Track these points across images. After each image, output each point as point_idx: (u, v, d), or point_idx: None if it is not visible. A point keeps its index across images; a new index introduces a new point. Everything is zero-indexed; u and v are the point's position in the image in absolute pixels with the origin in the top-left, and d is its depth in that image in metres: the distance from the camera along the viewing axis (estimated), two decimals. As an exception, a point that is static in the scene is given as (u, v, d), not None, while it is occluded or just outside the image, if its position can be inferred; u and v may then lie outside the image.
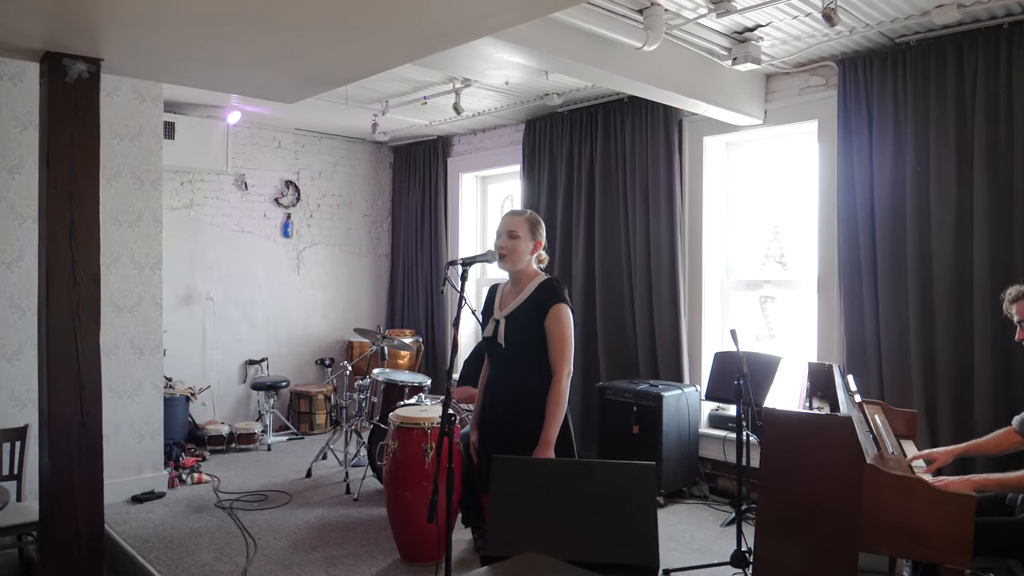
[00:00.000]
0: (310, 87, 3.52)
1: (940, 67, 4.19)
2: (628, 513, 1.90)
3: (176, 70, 3.14)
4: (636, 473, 2.01)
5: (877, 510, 2.47)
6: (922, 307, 4.23)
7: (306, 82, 3.38)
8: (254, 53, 2.79)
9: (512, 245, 2.92)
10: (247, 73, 3.18)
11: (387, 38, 2.71)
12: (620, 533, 1.86)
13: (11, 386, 4.45)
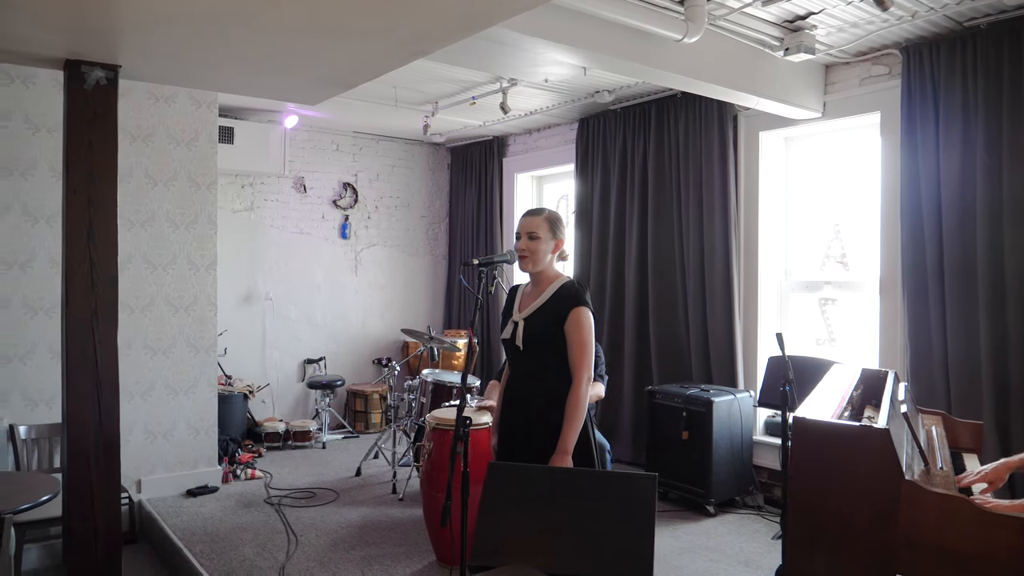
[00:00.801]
0: (327, 88, 3.52)
1: (1014, 51, 3.88)
2: (624, 526, 1.79)
3: (192, 75, 3.18)
4: (637, 485, 1.90)
5: (916, 531, 2.27)
6: (992, 309, 3.93)
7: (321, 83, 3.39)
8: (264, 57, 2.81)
9: (533, 246, 2.84)
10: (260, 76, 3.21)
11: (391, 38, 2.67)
12: (612, 547, 1.76)
13: (23, 384, 4.48)
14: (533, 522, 1.86)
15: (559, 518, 1.85)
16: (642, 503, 1.83)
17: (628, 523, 1.80)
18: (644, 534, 1.77)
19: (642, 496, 1.85)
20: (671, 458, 4.85)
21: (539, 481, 1.98)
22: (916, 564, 2.29)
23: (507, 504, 1.92)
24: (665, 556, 4.12)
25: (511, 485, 1.97)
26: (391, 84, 5.49)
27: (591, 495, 1.88)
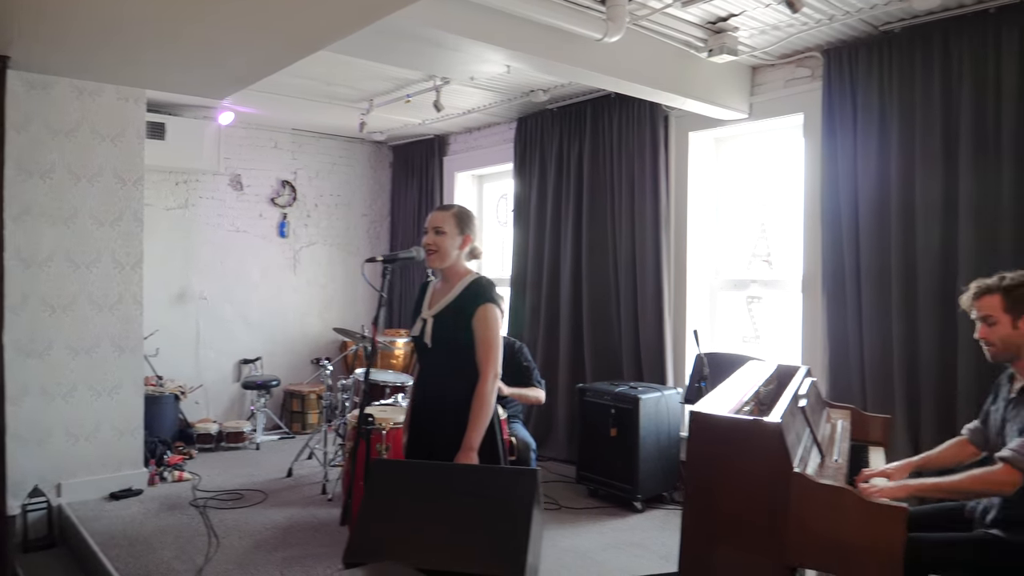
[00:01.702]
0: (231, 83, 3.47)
1: (926, 55, 3.99)
2: (501, 521, 1.79)
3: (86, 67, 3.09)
4: (517, 479, 1.90)
5: (806, 522, 2.31)
6: (905, 309, 4.03)
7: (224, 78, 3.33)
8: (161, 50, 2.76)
9: (439, 241, 2.83)
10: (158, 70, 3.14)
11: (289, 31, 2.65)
12: (487, 542, 1.75)
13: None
14: (414, 518, 1.85)
15: (440, 514, 1.85)
16: (521, 498, 1.83)
17: (507, 518, 1.80)
18: (520, 528, 1.77)
19: (522, 491, 1.85)
20: (600, 455, 4.88)
21: (422, 477, 1.98)
22: (806, 555, 2.34)
23: (390, 501, 1.90)
24: (589, 552, 4.14)
25: (395, 482, 1.96)
26: (325, 81, 5.44)
27: (473, 491, 1.88)
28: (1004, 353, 2.67)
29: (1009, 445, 2.54)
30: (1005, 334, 2.64)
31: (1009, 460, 2.47)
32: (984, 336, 2.69)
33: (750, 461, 2.39)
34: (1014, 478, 2.46)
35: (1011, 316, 2.63)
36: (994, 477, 2.49)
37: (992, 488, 2.50)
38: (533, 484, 1.87)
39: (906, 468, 2.90)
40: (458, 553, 1.76)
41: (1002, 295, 2.65)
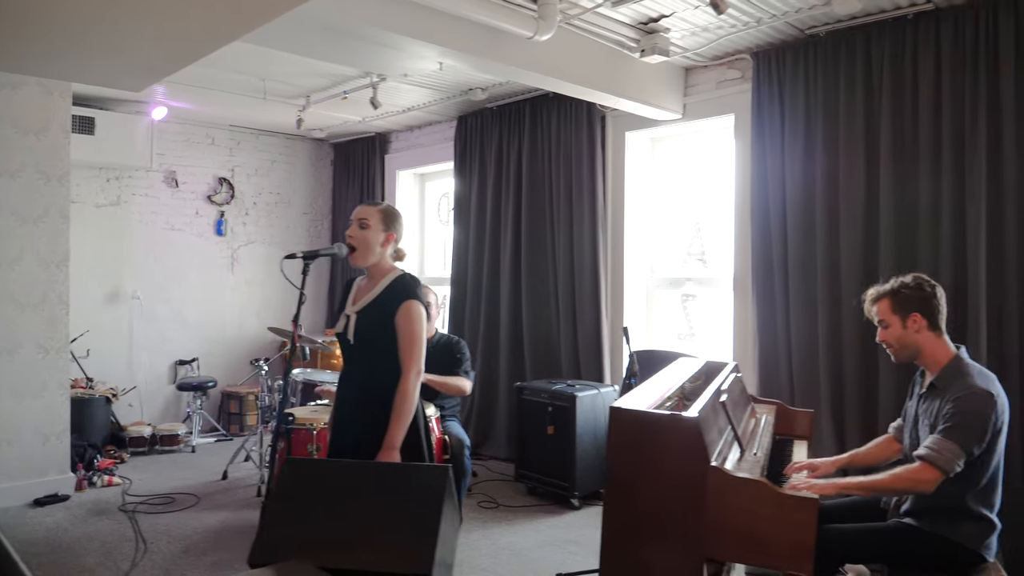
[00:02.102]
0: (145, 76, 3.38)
1: (849, 59, 4.10)
2: (409, 519, 1.78)
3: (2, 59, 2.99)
4: (426, 476, 1.90)
5: (722, 515, 2.35)
6: (830, 306, 4.13)
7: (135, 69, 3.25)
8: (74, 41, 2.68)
9: (362, 236, 2.80)
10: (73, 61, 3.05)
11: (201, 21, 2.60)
12: (395, 540, 1.74)
13: None
14: (322, 517, 1.83)
15: (348, 512, 1.83)
16: (432, 495, 1.83)
17: (416, 516, 1.79)
18: (430, 526, 1.76)
19: (432, 488, 1.85)
20: (538, 453, 4.90)
21: (331, 475, 1.96)
22: (723, 548, 2.37)
23: (298, 499, 1.88)
24: (525, 550, 4.15)
25: (304, 480, 1.93)
26: (260, 76, 5.36)
27: (382, 489, 1.87)
28: (904, 352, 2.76)
29: (925, 443, 2.61)
30: (898, 335, 2.73)
31: (926, 458, 2.55)
32: (883, 339, 2.79)
33: (668, 456, 2.42)
34: (932, 476, 2.53)
35: (899, 317, 2.73)
36: (913, 475, 2.56)
37: (913, 487, 2.57)
38: (443, 481, 1.87)
39: (833, 464, 2.97)
40: (366, 551, 1.74)
41: (889, 298, 2.76)
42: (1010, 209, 3.59)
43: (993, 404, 2.56)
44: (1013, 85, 3.57)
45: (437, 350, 4.52)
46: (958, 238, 3.74)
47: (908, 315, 2.72)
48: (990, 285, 3.63)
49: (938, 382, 2.72)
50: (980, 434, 2.54)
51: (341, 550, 1.75)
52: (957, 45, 3.74)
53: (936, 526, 2.64)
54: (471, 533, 4.42)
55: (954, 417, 2.55)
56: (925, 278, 2.77)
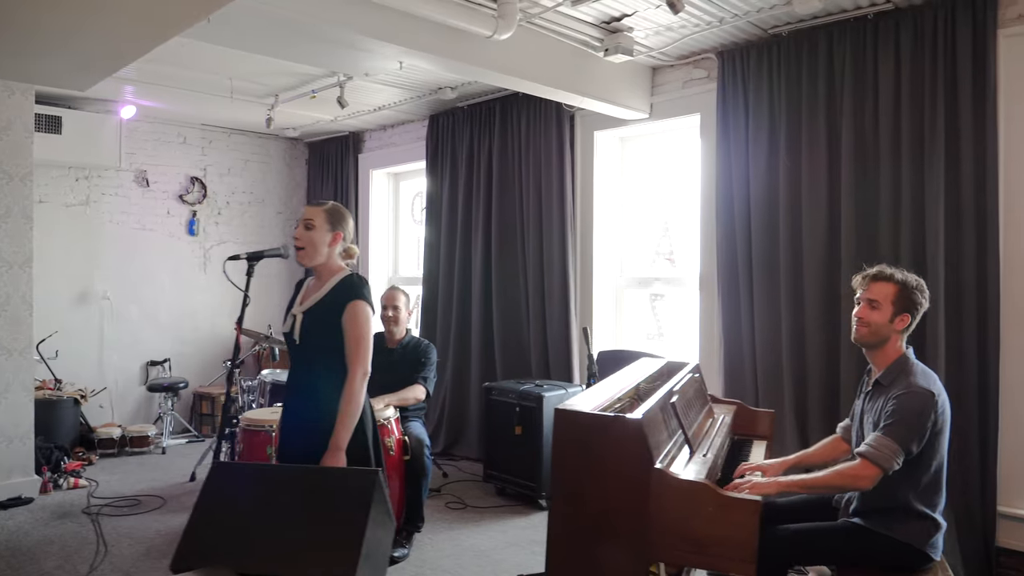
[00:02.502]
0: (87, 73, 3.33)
1: (812, 59, 4.11)
2: (335, 524, 1.77)
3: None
4: (356, 481, 1.88)
5: (666, 517, 2.35)
6: (793, 305, 4.14)
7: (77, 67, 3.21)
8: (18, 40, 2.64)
9: (308, 237, 2.78)
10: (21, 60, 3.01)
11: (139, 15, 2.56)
12: (319, 546, 1.73)
13: None
14: (247, 522, 1.81)
15: (274, 517, 1.81)
16: (359, 499, 1.81)
17: (342, 521, 1.77)
18: (355, 531, 1.74)
19: (360, 492, 1.83)
20: (506, 453, 4.89)
21: (259, 479, 1.94)
22: (668, 550, 2.37)
23: (225, 504, 1.86)
24: (489, 551, 4.14)
25: (231, 484, 1.91)
26: (227, 75, 5.32)
27: (309, 493, 1.85)
28: (870, 338, 2.74)
29: (866, 440, 2.62)
30: (882, 322, 2.71)
31: (865, 455, 2.55)
32: (863, 316, 2.75)
33: (613, 457, 2.41)
34: (871, 472, 2.53)
35: (894, 309, 2.71)
36: (853, 472, 2.56)
37: (852, 483, 2.58)
38: (372, 485, 1.85)
39: (782, 465, 2.96)
40: (288, 557, 1.72)
41: (898, 288, 2.72)
42: (967, 208, 3.60)
43: (933, 403, 2.57)
44: (971, 85, 3.58)
45: (406, 353, 4.50)
46: (917, 237, 3.75)
47: (902, 312, 2.71)
48: (948, 284, 3.65)
49: (883, 379, 2.72)
50: (919, 433, 2.54)
51: (263, 556, 1.73)
52: (916, 45, 3.75)
53: (882, 525, 2.64)
54: (437, 534, 4.41)
55: (894, 415, 2.56)
56: (926, 288, 2.76)
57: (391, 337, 4.51)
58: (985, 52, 3.55)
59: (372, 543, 1.79)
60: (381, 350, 4.49)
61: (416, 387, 4.30)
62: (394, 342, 4.52)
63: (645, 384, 3.17)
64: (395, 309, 4.43)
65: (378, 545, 1.86)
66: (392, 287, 4.56)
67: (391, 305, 4.44)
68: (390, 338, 4.51)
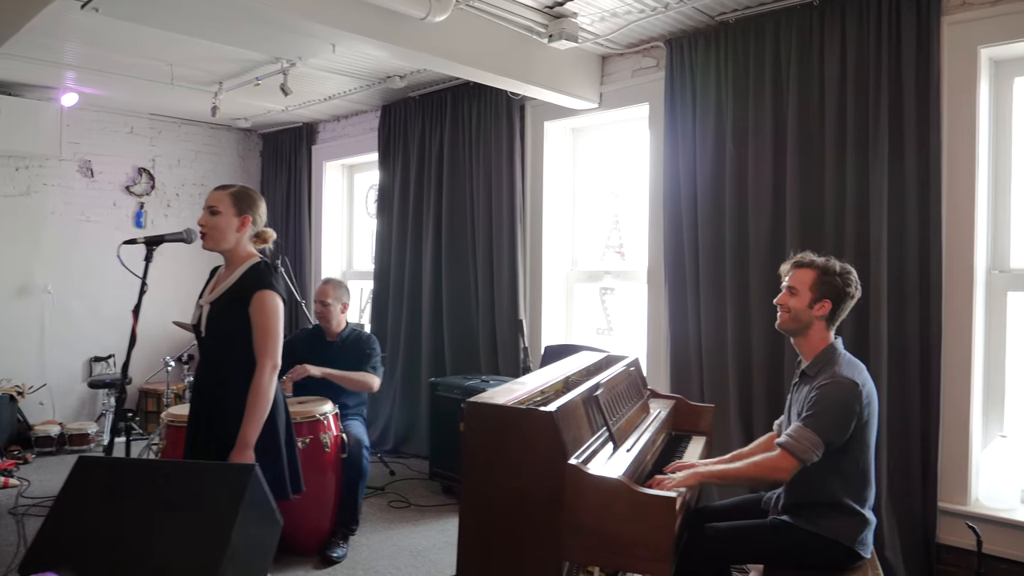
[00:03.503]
0: None
1: (759, 46, 4.02)
2: (200, 522, 1.64)
3: None
4: (226, 476, 1.75)
5: (580, 515, 2.24)
6: (738, 298, 4.05)
7: None
8: None
9: (213, 222, 2.65)
10: None
11: None
12: (180, 544, 1.60)
13: None
14: (107, 521, 1.68)
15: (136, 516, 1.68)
16: (229, 497, 1.68)
17: (208, 519, 1.65)
18: (222, 528, 1.62)
19: (230, 489, 1.70)
20: (451, 450, 4.76)
21: (125, 476, 1.80)
22: (581, 550, 2.26)
23: (85, 502, 1.73)
24: (426, 551, 4.02)
25: (95, 481, 1.78)
26: (166, 61, 5.14)
27: (175, 490, 1.72)
28: (791, 324, 2.67)
29: (786, 431, 2.54)
30: (800, 308, 2.64)
31: (784, 446, 2.47)
32: (783, 302, 2.69)
33: (524, 452, 2.31)
34: (788, 464, 2.45)
35: (812, 295, 2.63)
36: (770, 463, 2.48)
37: (769, 474, 2.49)
38: (245, 480, 1.72)
39: (716, 464, 2.86)
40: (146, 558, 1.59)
41: (817, 273, 2.65)
42: (910, 199, 3.52)
43: (858, 394, 2.48)
44: (914, 72, 3.50)
45: (346, 345, 4.39)
46: (862, 228, 3.67)
47: (821, 299, 2.62)
48: (891, 279, 3.57)
49: (809, 370, 2.64)
50: (841, 424, 2.46)
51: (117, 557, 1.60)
52: (861, 31, 3.66)
53: (809, 522, 2.55)
54: (375, 535, 4.29)
55: (816, 405, 2.48)
56: (855, 277, 2.68)
57: (329, 330, 4.39)
58: (929, 39, 3.47)
59: (242, 543, 1.66)
60: (321, 343, 4.38)
61: (367, 375, 4.19)
62: (333, 335, 4.40)
63: (576, 377, 3.07)
64: (324, 305, 4.32)
65: (254, 545, 1.73)
66: (325, 280, 4.45)
67: (321, 300, 4.33)
68: (328, 331, 4.39)
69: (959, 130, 3.47)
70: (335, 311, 4.34)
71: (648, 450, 2.89)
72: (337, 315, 4.36)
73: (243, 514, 1.69)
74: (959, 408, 3.49)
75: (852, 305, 2.71)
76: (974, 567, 3.23)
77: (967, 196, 3.46)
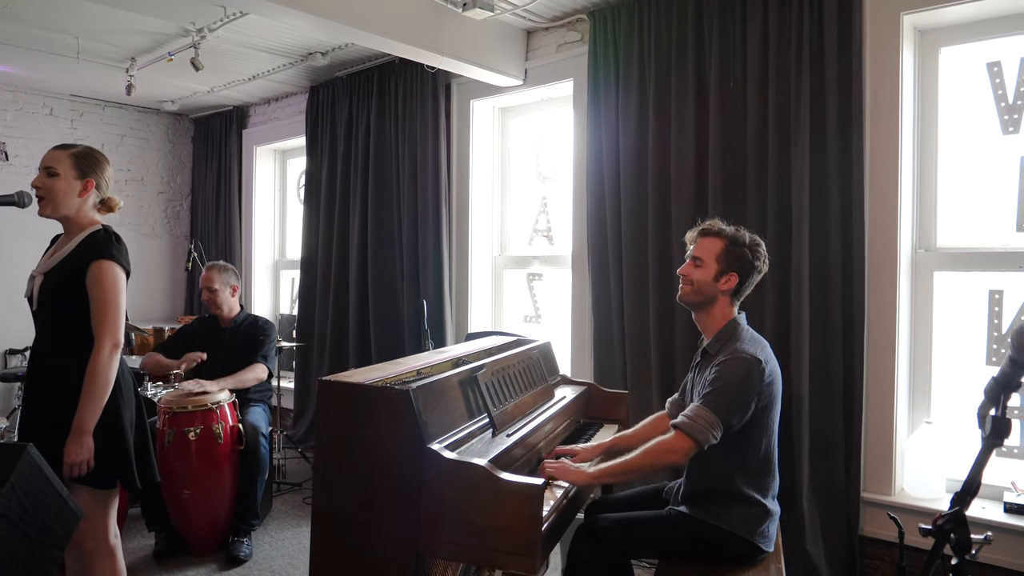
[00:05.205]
0: None
1: (681, 17, 3.82)
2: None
3: None
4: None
5: (437, 503, 2.03)
6: (660, 283, 3.85)
7: None
8: None
9: (49, 184, 2.41)
10: None
11: None
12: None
13: None
14: None
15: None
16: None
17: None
18: None
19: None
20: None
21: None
22: (438, 542, 2.05)
23: None
24: (292, 554, 3.79)
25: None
26: (71, 34, 4.86)
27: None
28: (694, 297, 2.48)
29: (684, 411, 2.34)
30: (705, 280, 2.45)
31: (679, 426, 2.27)
32: (686, 273, 2.50)
33: (383, 436, 2.09)
34: (683, 445, 2.25)
35: (719, 267, 2.44)
36: (664, 445, 2.29)
37: (663, 458, 2.29)
38: (11, 464, 1.48)
39: (596, 450, 2.67)
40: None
41: (725, 243, 2.45)
42: (832, 172, 3.35)
43: (760, 372, 2.29)
44: (836, 43, 3.33)
45: (240, 331, 4.16)
46: (784, 206, 3.50)
47: (728, 272, 2.43)
48: (813, 254, 3.40)
49: (710, 347, 2.45)
50: (741, 403, 2.26)
51: None
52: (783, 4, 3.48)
53: (707, 513, 2.36)
54: (281, 532, 4.06)
55: (715, 383, 2.28)
56: (764, 250, 2.49)
57: (221, 316, 4.17)
58: (851, 5, 3.30)
59: (5, 538, 1.42)
60: (214, 330, 4.16)
61: (255, 366, 3.96)
62: (226, 321, 4.18)
63: (468, 358, 2.85)
64: (211, 291, 4.09)
65: (19, 539, 1.50)
66: (209, 266, 4.22)
67: (207, 287, 4.10)
68: (221, 317, 4.17)
69: (882, 102, 3.30)
70: (224, 296, 4.12)
71: (540, 437, 2.69)
72: (228, 300, 4.15)
73: (3, 505, 1.45)
74: (883, 393, 3.33)
75: (758, 280, 2.53)
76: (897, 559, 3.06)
77: (890, 172, 3.29)
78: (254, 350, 4.02)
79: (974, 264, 3.31)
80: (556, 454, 2.63)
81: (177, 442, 3.57)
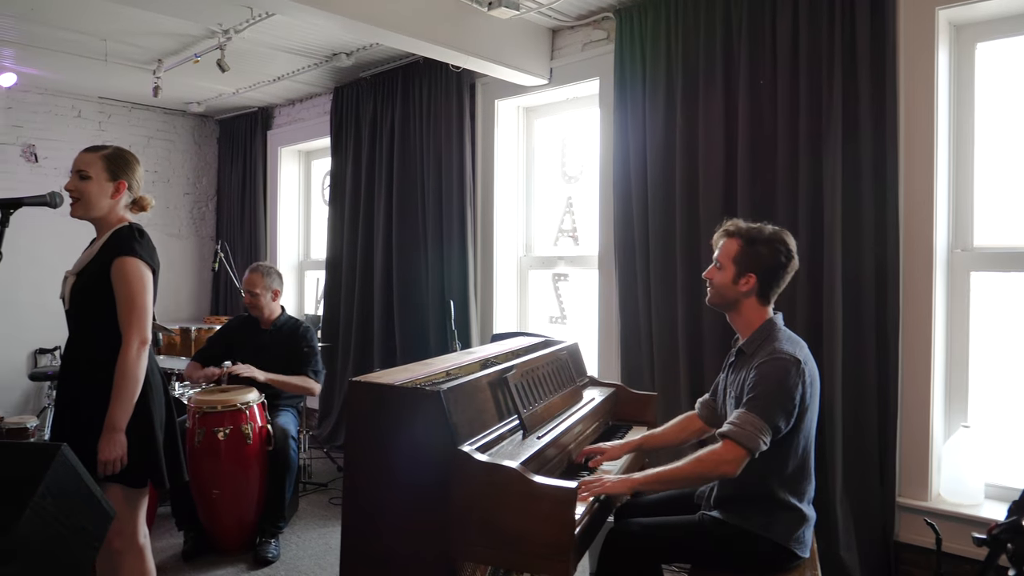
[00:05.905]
0: None
1: (709, 14, 3.77)
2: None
3: None
4: (24, 458, 1.52)
5: (467, 506, 2.00)
6: (689, 283, 3.80)
7: None
8: None
9: (82, 187, 2.44)
10: None
11: None
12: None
13: None
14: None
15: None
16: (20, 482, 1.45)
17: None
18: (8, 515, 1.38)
19: (25, 473, 1.46)
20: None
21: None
22: (468, 544, 2.02)
23: None
24: (318, 555, 3.79)
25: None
26: (99, 36, 4.90)
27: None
28: (718, 300, 2.45)
29: (728, 419, 2.28)
30: (724, 284, 2.41)
31: (728, 435, 2.22)
32: (709, 276, 2.47)
33: (413, 437, 2.07)
34: (736, 455, 2.20)
35: (736, 269, 2.40)
36: (715, 456, 2.23)
37: (714, 469, 2.24)
38: (43, 464, 1.48)
39: (626, 447, 2.64)
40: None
41: (740, 243, 2.41)
42: (866, 172, 3.29)
43: (800, 372, 2.24)
44: (869, 39, 3.27)
45: (280, 335, 4.16)
46: (816, 207, 3.43)
47: (745, 272, 2.38)
48: (846, 256, 3.34)
49: (746, 348, 2.40)
50: (786, 405, 2.21)
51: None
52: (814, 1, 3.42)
53: (740, 519, 2.32)
54: (307, 532, 4.07)
55: (757, 387, 2.23)
56: (788, 246, 2.42)
57: (262, 318, 4.16)
58: (884, 1, 3.24)
59: (36, 537, 1.42)
60: (254, 331, 4.17)
61: (308, 380, 3.98)
62: (267, 323, 4.17)
63: (497, 359, 2.82)
64: (253, 295, 4.08)
65: (60, 538, 1.49)
66: (252, 268, 4.19)
67: (249, 290, 4.10)
68: (261, 320, 4.17)
69: (917, 100, 3.23)
70: (266, 300, 4.11)
71: (571, 439, 2.65)
72: (268, 304, 4.13)
73: (40, 503, 1.44)
74: (919, 396, 3.25)
75: (789, 276, 2.47)
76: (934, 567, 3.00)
77: (926, 171, 3.22)
78: (297, 358, 4.01)
79: (1013, 264, 3.23)
80: (585, 454, 2.60)
81: (206, 442, 3.58)
